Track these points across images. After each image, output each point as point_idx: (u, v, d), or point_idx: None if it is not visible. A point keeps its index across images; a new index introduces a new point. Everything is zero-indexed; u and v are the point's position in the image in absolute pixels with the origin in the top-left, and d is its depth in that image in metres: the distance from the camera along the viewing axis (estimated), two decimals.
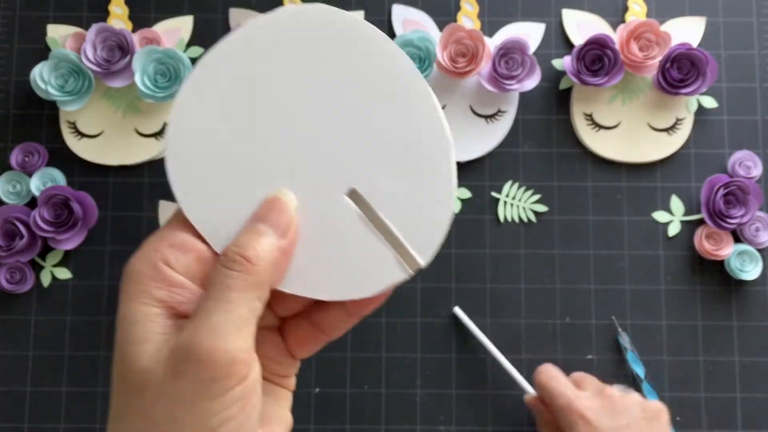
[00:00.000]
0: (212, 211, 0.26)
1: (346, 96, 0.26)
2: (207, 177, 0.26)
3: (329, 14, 0.26)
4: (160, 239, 0.26)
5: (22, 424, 0.56)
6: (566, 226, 0.58)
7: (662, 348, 0.57)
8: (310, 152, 0.26)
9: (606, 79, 0.57)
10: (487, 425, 0.56)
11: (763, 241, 0.56)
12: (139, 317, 0.24)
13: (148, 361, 0.23)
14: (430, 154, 0.26)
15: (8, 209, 0.57)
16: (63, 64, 0.57)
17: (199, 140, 0.26)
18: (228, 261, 0.24)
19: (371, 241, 0.26)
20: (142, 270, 0.25)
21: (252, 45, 0.26)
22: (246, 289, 0.24)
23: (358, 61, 0.26)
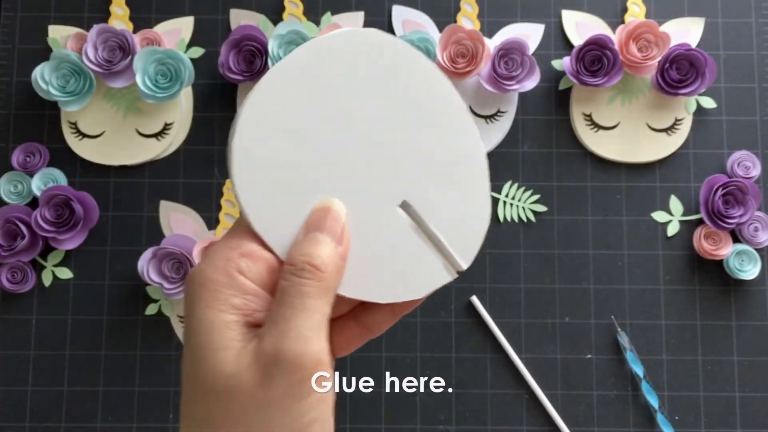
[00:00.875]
0: (275, 222, 0.28)
1: (396, 114, 0.29)
2: (270, 190, 0.28)
3: (379, 38, 0.29)
4: (230, 248, 0.27)
5: (23, 424, 0.57)
6: (566, 226, 0.59)
7: (661, 347, 0.57)
8: (365, 166, 0.29)
9: (605, 79, 0.57)
10: (487, 425, 0.56)
11: (761, 240, 0.56)
12: (216, 324, 0.25)
13: (232, 367, 0.24)
14: (470, 168, 0.29)
15: (10, 209, 0.57)
16: (64, 65, 0.57)
17: (262, 155, 0.28)
18: (299, 270, 0.26)
19: (421, 248, 0.29)
20: (216, 278, 0.26)
21: (311, 64, 0.28)
22: (319, 295, 0.25)
23: (406, 82, 0.29)
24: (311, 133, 0.28)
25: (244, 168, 0.28)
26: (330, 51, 0.28)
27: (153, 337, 0.58)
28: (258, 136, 0.28)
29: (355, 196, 0.28)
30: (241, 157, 0.28)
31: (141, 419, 0.57)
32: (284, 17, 0.60)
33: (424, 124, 0.29)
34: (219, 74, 0.59)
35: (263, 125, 0.28)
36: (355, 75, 0.29)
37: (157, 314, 0.58)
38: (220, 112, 0.60)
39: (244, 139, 0.28)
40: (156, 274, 0.56)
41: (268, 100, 0.28)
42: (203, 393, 0.25)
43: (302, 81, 0.28)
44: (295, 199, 0.28)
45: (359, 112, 0.28)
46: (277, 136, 0.28)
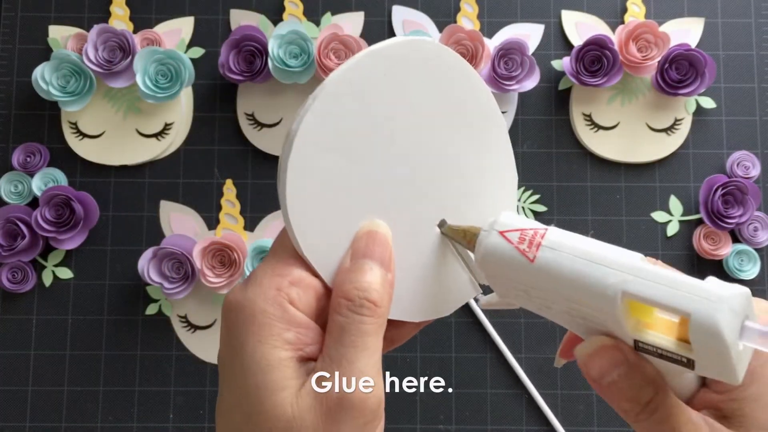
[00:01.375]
0: (323, 245, 0.26)
1: (445, 130, 0.28)
2: (321, 211, 0.26)
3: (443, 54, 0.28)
4: (278, 275, 0.25)
5: (23, 424, 0.57)
6: (565, 226, 0.58)
7: None
8: (408, 183, 0.27)
9: (605, 79, 0.57)
10: (487, 425, 0.56)
11: (761, 240, 0.57)
12: (273, 362, 0.24)
13: (293, 409, 0.23)
14: (502, 188, 0.30)
15: (10, 209, 0.57)
16: (64, 65, 0.57)
17: (316, 174, 0.26)
18: (356, 306, 0.24)
19: (454, 265, 0.29)
20: (268, 310, 0.24)
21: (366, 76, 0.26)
22: (377, 331, 0.25)
23: (458, 99, 0.28)
24: (365, 150, 0.26)
25: (298, 189, 0.25)
26: (390, 61, 0.27)
27: (153, 337, 0.58)
28: (313, 154, 0.26)
29: (399, 216, 0.27)
30: (296, 177, 0.25)
31: (141, 419, 0.57)
32: (284, 17, 0.60)
33: (470, 143, 0.28)
34: (219, 74, 0.59)
35: (319, 142, 0.26)
36: (413, 88, 0.27)
37: (157, 314, 0.58)
38: (220, 112, 0.60)
39: (300, 157, 0.25)
40: (156, 274, 0.56)
41: (324, 115, 0.26)
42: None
43: (358, 94, 0.26)
44: (344, 221, 0.26)
45: (409, 127, 0.27)
46: (331, 154, 0.26)
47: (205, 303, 0.58)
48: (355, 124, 0.26)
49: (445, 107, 0.28)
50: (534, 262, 0.25)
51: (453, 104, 0.28)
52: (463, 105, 0.28)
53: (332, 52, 0.57)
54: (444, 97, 0.28)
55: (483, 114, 0.29)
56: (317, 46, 0.56)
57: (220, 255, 0.56)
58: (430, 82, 0.27)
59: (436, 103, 0.28)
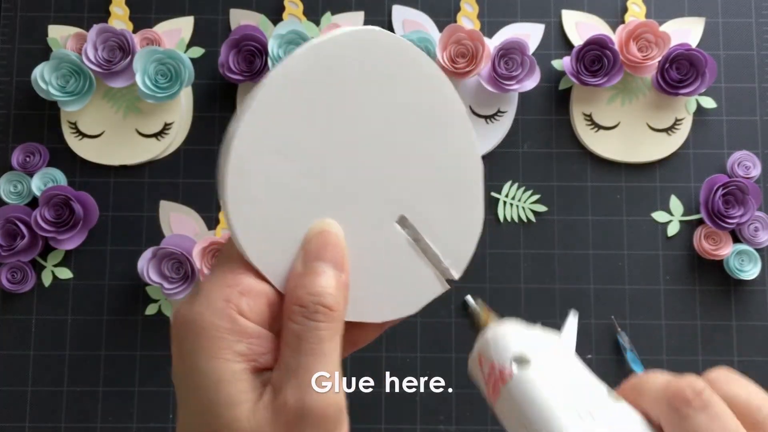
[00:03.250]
0: (271, 249, 0.25)
1: (394, 123, 0.27)
2: (265, 215, 0.25)
3: (383, 38, 0.26)
4: (226, 285, 0.24)
5: (23, 424, 0.57)
6: (566, 226, 0.59)
7: (661, 347, 0.57)
8: (361, 180, 0.26)
9: (605, 79, 0.57)
10: (487, 425, 0.56)
11: (761, 240, 0.56)
12: (226, 376, 0.23)
13: (250, 424, 0.23)
14: (467, 180, 0.28)
15: (9, 209, 0.57)
16: (64, 65, 0.57)
17: (257, 177, 0.25)
18: (311, 313, 0.24)
19: (416, 262, 0.28)
20: (216, 323, 0.23)
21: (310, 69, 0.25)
22: (334, 337, 0.24)
23: (406, 88, 0.27)
24: (308, 148, 0.26)
25: (239, 192, 0.25)
26: (329, 54, 0.26)
27: (153, 337, 0.58)
28: (253, 156, 0.25)
29: (353, 215, 0.26)
30: (236, 180, 0.25)
31: (141, 419, 0.57)
32: (284, 17, 0.60)
33: (424, 134, 0.27)
34: (219, 74, 0.59)
35: (259, 143, 0.25)
36: (356, 81, 0.26)
37: (157, 314, 0.58)
38: (220, 112, 0.60)
39: (239, 160, 0.25)
40: (156, 274, 0.56)
41: (264, 114, 0.25)
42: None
43: (300, 89, 0.25)
44: (291, 223, 0.26)
45: (356, 120, 0.26)
46: (273, 155, 0.25)
47: None
48: (298, 121, 0.25)
49: (395, 99, 0.27)
50: (495, 404, 0.25)
51: (404, 96, 0.27)
52: (414, 95, 0.27)
53: None
54: (393, 89, 0.26)
55: (437, 102, 0.27)
56: None
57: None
58: (376, 73, 0.26)
59: (385, 95, 0.26)
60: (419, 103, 0.27)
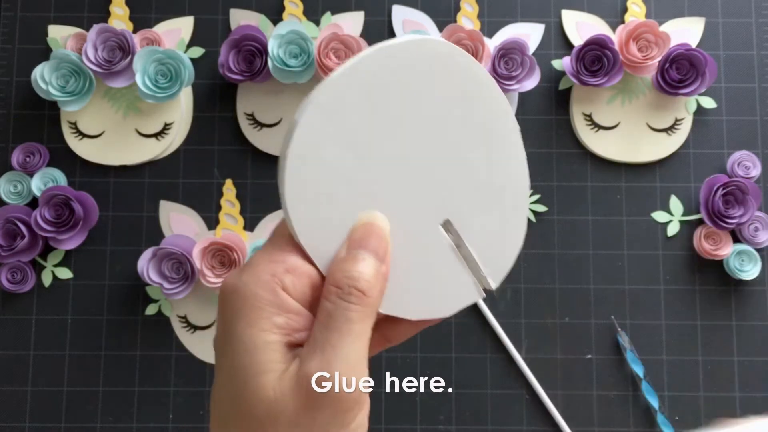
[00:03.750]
0: (320, 234, 0.27)
1: (450, 131, 0.28)
2: (319, 201, 0.27)
3: (446, 48, 0.27)
4: (273, 261, 0.26)
5: (23, 424, 0.57)
6: (566, 226, 0.59)
7: (661, 347, 0.57)
8: (412, 181, 0.28)
9: (605, 79, 0.57)
10: (487, 425, 0.56)
11: (761, 240, 0.56)
12: (259, 344, 0.24)
13: (275, 392, 0.23)
14: (513, 193, 0.29)
15: (9, 209, 0.57)
16: (64, 65, 0.57)
17: (316, 165, 0.27)
18: (345, 294, 0.25)
19: (456, 266, 0.29)
20: (260, 294, 0.24)
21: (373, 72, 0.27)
22: (364, 320, 0.25)
23: (465, 98, 0.28)
24: (366, 145, 0.27)
25: (297, 177, 0.26)
26: (399, 59, 0.27)
27: (153, 337, 0.58)
28: (314, 144, 0.26)
29: (400, 212, 0.28)
30: (295, 165, 0.26)
31: (141, 419, 0.57)
32: (284, 17, 0.60)
33: (476, 143, 0.28)
34: (219, 74, 0.59)
35: (321, 133, 0.26)
36: (419, 88, 0.27)
37: (157, 314, 0.58)
38: (220, 112, 0.60)
39: (300, 146, 0.26)
40: (156, 274, 0.56)
41: (328, 107, 0.26)
42: (241, 417, 0.24)
43: (365, 88, 0.27)
44: (341, 213, 0.27)
45: (416, 125, 0.27)
46: (332, 146, 0.27)
47: (204, 303, 0.58)
48: (360, 118, 0.27)
49: (454, 108, 0.28)
50: None
51: (462, 105, 0.28)
52: (472, 106, 0.28)
53: (332, 52, 0.57)
54: (453, 97, 0.28)
55: (493, 116, 0.28)
56: (317, 45, 0.56)
57: (219, 255, 0.55)
58: (439, 82, 0.27)
59: (444, 103, 0.28)
60: (478, 116, 0.28)
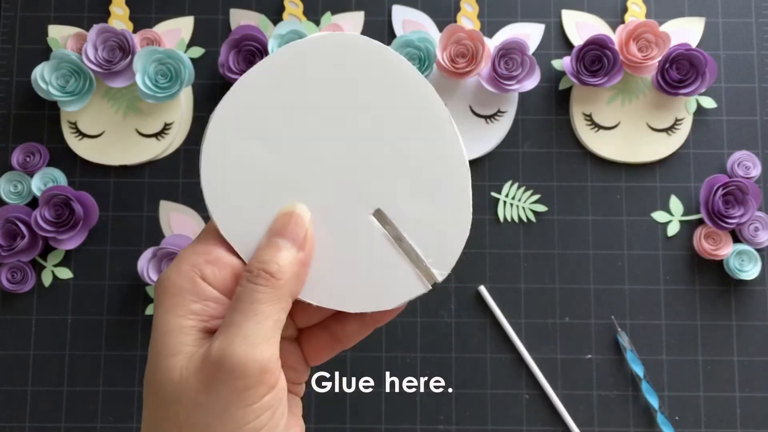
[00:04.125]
0: (243, 227, 0.27)
1: (374, 120, 0.28)
2: (239, 195, 0.28)
3: (361, 42, 0.28)
4: (196, 253, 0.27)
5: (23, 424, 0.57)
6: (566, 226, 0.59)
7: (661, 347, 0.57)
8: (339, 172, 0.28)
9: (605, 79, 0.57)
10: (487, 425, 0.56)
11: (762, 240, 0.56)
12: (173, 328, 0.25)
13: (180, 372, 0.24)
14: (450, 179, 0.28)
15: (9, 209, 0.57)
16: (64, 65, 0.57)
17: (232, 160, 0.27)
18: (253, 276, 0.25)
19: (394, 257, 0.28)
20: (179, 283, 0.26)
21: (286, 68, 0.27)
22: (272, 301, 0.25)
23: (386, 88, 0.28)
24: (284, 139, 0.27)
25: (213, 172, 0.28)
26: (310, 54, 0.27)
27: None
28: (228, 140, 0.27)
29: (326, 202, 0.28)
30: (210, 161, 0.27)
31: (141, 419, 0.57)
32: (284, 17, 0.60)
33: (405, 133, 0.28)
34: (219, 74, 0.59)
35: (234, 129, 0.27)
36: (335, 80, 0.28)
37: None
38: None
39: (213, 143, 0.27)
40: (156, 274, 0.56)
41: (241, 104, 0.27)
42: (152, 397, 0.25)
43: (279, 84, 0.27)
44: (264, 205, 0.28)
45: (336, 117, 0.28)
46: (248, 141, 0.27)
47: None
48: (275, 113, 0.27)
49: (377, 102, 0.28)
50: None
51: (386, 99, 0.28)
52: (400, 100, 0.28)
53: None
54: (375, 91, 0.28)
55: (419, 104, 0.28)
56: None
57: None
58: (357, 76, 0.28)
59: (365, 98, 0.28)
60: (399, 103, 0.28)
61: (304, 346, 0.31)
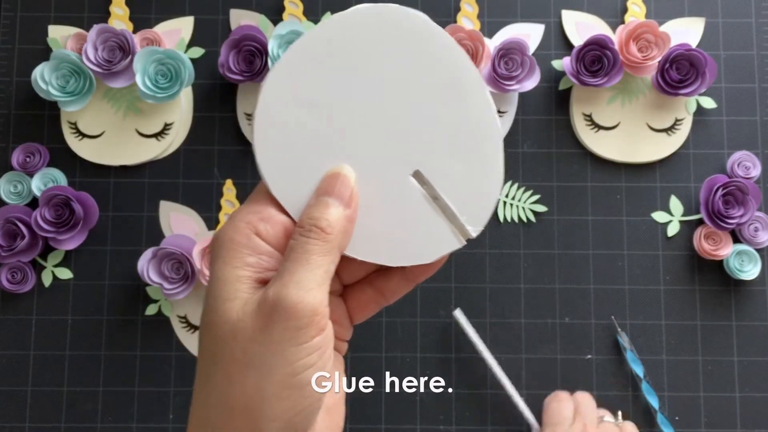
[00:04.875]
0: (292, 187, 0.30)
1: (412, 87, 0.30)
2: (289, 157, 0.30)
3: (399, 12, 0.30)
4: (250, 212, 0.29)
5: (23, 424, 0.57)
6: (566, 226, 0.59)
7: (661, 348, 0.57)
8: (381, 136, 0.30)
9: (605, 79, 0.57)
10: (487, 425, 0.56)
11: (761, 241, 0.56)
12: (230, 278, 0.27)
13: (237, 314, 0.27)
14: (483, 141, 0.30)
15: (9, 209, 0.57)
16: (64, 65, 0.57)
17: (282, 124, 0.30)
18: (305, 231, 0.28)
19: (431, 215, 0.31)
20: (235, 238, 0.28)
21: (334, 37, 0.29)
22: (323, 252, 0.28)
23: (423, 56, 0.30)
24: (330, 104, 0.30)
25: (265, 136, 0.30)
26: (353, 25, 0.29)
27: (153, 337, 0.58)
28: (279, 105, 0.29)
29: (369, 164, 0.30)
30: (262, 125, 0.29)
31: (141, 419, 0.57)
32: (284, 17, 0.60)
33: (441, 98, 0.30)
34: (219, 74, 0.59)
35: (284, 95, 0.29)
36: (376, 49, 0.29)
37: (157, 314, 0.58)
38: (220, 112, 0.60)
39: (266, 108, 0.29)
40: (156, 274, 0.56)
41: (291, 71, 0.29)
42: (210, 336, 0.27)
43: (325, 53, 0.29)
44: (311, 166, 0.30)
45: (378, 85, 0.30)
46: (297, 107, 0.29)
47: None
48: (320, 80, 0.29)
49: (413, 67, 0.30)
50: None
51: (421, 64, 0.30)
52: (432, 64, 0.30)
53: None
54: (411, 57, 0.30)
55: (456, 70, 0.30)
56: None
57: None
58: (395, 43, 0.29)
59: (403, 63, 0.30)
60: (436, 70, 0.30)
61: (349, 302, 0.33)
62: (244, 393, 0.26)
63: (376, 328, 0.57)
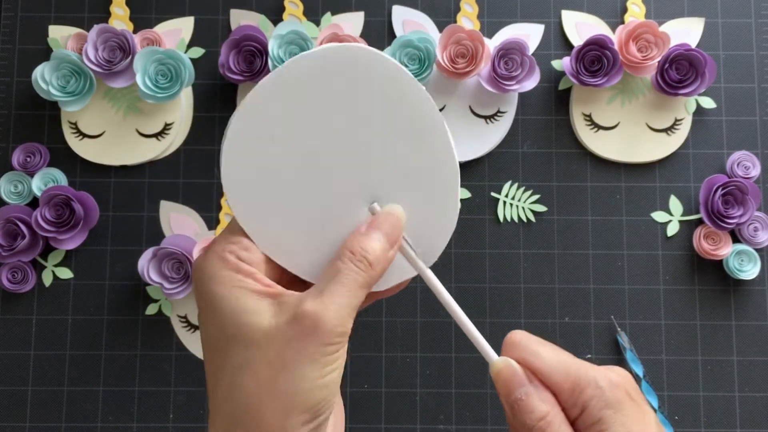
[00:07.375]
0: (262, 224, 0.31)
1: (376, 126, 0.31)
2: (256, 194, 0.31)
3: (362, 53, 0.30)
4: (230, 242, 0.30)
5: (23, 424, 0.57)
6: (565, 226, 0.59)
7: (661, 347, 0.57)
8: (342, 171, 0.31)
9: (605, 79, 0.57)
10: (487, 425, 0.56)
11: (761, 240, 0.57)
12: (239, 294, 0.29)
13: (269, 322, 0.28)
14: (443, 183, 0.31)
15: (10, 209, 0.57)
16: (64, 65, 0.57)
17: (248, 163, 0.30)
18: (356, 260, 0.30)
19: None
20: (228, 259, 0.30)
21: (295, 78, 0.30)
22: (364, 285, 0.29)
23: (387, 99, 0.31)
24: (293, 142, 0.30)
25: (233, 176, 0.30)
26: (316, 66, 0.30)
27: (153, 337, 0.58)
28: (245, 144, 0.30)
29: (330, 198, 0.31)
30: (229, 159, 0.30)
31: (141, 419, 0.57)
32: (284, 17, 0.60)
33: (402, 139, 0.31)
34: (219, 74, 0.59)
35: (251, 133, 0.30)
36: (340, 88, 0.30)
37: (157, 314, 0.58)
38: (220, 112, 0.60)
39: (233, 147, 0.30)
40: (156, 274, 0.56)
41: (257, 109, 0.30)
42: (240, 344, 0.28)
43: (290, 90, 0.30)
44: (277, 201, 0.31)
45: (340, 123, 0.30)
46: (263, 144, 0.30)
47: None
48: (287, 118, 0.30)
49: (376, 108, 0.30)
50: None
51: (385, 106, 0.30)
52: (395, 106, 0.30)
53: None
54: (374, 98, 0.30)
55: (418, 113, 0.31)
56: (317, 46, 0.56)
57: None
58: (359, 84, 0.30)
59: (366, 104, 0.30)
60: (400, 111, 0.31)
61: None
62: (275, 390, 0.28)
63: (376, 327, 0.58)
